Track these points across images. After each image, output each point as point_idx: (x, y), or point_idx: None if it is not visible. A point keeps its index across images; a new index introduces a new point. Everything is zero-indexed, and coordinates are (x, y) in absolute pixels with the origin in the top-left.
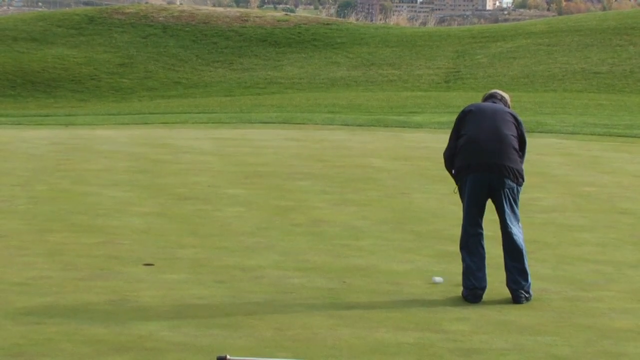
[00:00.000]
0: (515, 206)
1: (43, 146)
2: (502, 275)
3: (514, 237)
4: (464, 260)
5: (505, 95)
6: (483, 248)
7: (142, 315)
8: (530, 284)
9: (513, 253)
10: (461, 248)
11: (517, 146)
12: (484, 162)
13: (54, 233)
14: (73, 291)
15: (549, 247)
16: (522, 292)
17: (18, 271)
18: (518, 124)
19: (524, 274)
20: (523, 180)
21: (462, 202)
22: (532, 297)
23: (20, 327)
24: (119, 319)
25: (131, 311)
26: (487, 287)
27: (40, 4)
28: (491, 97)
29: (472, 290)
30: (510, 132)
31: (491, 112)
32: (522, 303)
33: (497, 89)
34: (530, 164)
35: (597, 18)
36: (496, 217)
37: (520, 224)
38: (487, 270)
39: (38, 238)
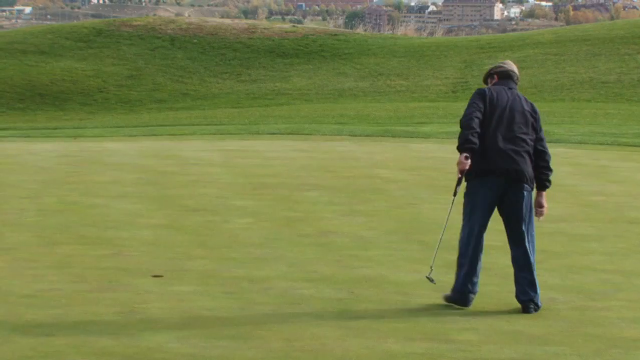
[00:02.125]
0: (531, 214)
1: (52, 159)
2: (510, 285)
3: (527, 248)
4: (463, 265)
5: (517, 71)
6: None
7: (150, 327)
8: (539, 295)
9: (524, 264)
10: (464, 253)
11: (532, 150)
12: (504, 167)
13: (62, 245)
14: (82, 303)
15: (557, 256)
16: (532, 303)
17: (27, 283)
18: (536, 120)
19: (533, 285)
20: (534, 185)
21: (466, 204)
22: (540, 308)
23: (29, 339)
24: (127, 330)
25: (140, 323)
26: (496, 297)
27: (48, 16)
28: (508, 79)
29: (466, 294)
30: (529, 135)
31: (509, 104)
32: (531, 314)
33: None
34: None
35: (605, 27)
36: (501, 226)
37: (534, 232)
38: (494, 280)
39: (47, 250)
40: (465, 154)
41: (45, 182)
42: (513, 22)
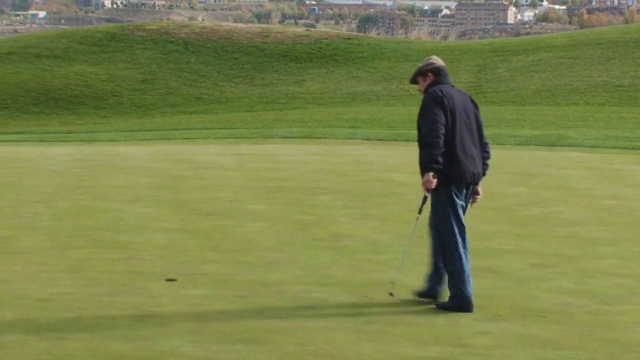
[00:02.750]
0: None
1: (66, 163)
2: (524, 288)
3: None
4: (461, 270)
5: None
6: None
7: (164, 331)
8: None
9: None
10: (456, 260)
11: None
12: (472, 172)
13: (76, 249)
14: (96, 307)
15: (571, 260)
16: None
17: (41, 287)
18: (479, 114)
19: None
20: None
21: (442, 212)
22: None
23: (43, 343)
24: (141, 334)
25: (153, 326)
26: (510, 301)
27: (62, 21)
28: (445, 75)
29: (470, 299)
30: (478, 132)
31: (462, 106)
32: None
33: (448, 71)
34: (552, 178)
35: (619, 31)
36: (515, 229)
37: None
38: (508, 284)
39: (61, 254)
40: (432, 173)
41: (59, 186)
42: (527, 26)
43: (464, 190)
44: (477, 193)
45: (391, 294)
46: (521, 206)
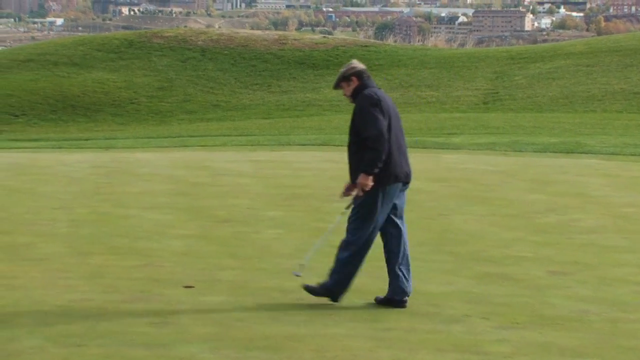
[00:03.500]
0: None
1: (84, 169)
2: (542, 296)
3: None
4: (355, 265)
5: None
6: None
7: (182, 338)
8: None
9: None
10: (360, 255)
11: None
12: (406, 172)
13: (94, 256)
14: (114, 313)
15: (589, 268)
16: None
17: (59, 294)
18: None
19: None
20: None
21: (370, 210)
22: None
23: (61, 350)
24: (159, 341)
25: (172, 333)
26: (528, 308)
27: (80, 28)
28: (369, 78)
29: (344, 292)
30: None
31: (393, 108)
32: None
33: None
34: (570, 185)
35: (636, 38)
36: (534, 237)
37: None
38: (526, 292)
39: (79, 261)
40: (372, 177)
41: (77, 192)
42: (544, 33)
43: (397, 191)
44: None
45: (297, 275)
46: (539, 213)
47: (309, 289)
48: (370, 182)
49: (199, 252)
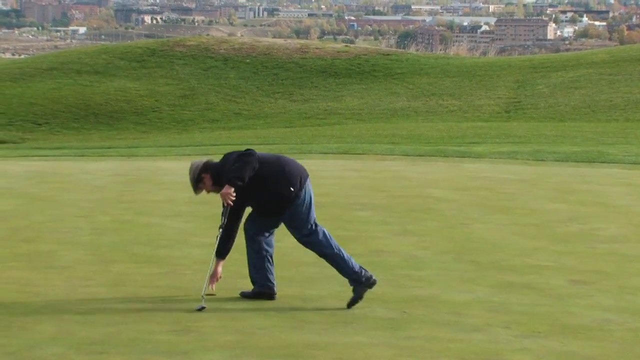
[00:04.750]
0: None
1: (106, 177)
2: (563, 305)
3: None
4: (337, 252)
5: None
6: None
7: (203, 345)
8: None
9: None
10: (334, 249)
11: None
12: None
13: (116, 264)
14: (135, 321)
15: (611, 277)
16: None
17: (81, 302)
18: None
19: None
20: None
21: (307, 210)
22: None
23: (83, 357)
24: (181, 349)
25: (193, 341)
26: (549, 317)
27: (102, 36)
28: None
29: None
30: None
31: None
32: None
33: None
34: (592, 194)
35: None
36: (555, 246)
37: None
38: (547, 301)
39: (101, 269)
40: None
41: (99, 200)
42: (566, 42)
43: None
44: None
45: (201, 308)
46: (560, 223)
47: (355, 299)
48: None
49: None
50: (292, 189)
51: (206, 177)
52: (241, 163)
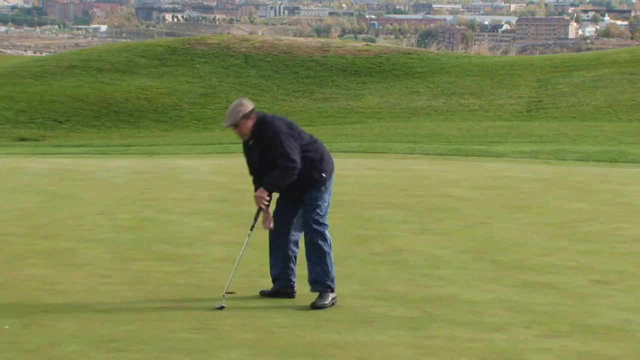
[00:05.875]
0: None
1: (126, 175)
2: (584, 305)
3: None
4: (331, 258)
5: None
6: None
7: (224, 344)
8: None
9: None
10: (330, 248)
11: None
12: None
13: (136, 261)
14: (155, 319)
15: (633, 277)
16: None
17: (101, 299)
18: None
19: None
20: None
21: (326, 205)
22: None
23: (103, 355)
24: (201, 347)
25: (213, 339)
26: (570, 317)
27: (124, 34)
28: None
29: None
30: None
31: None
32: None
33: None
34: (613, 194)
35: None
36: (576, 245)
37: None
38: (568, 301)
39: (121, 266)
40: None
41: (119, 198)
42: (588, 41)
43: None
44: None
45: (220, 307)
46: (581, 222)
47: (321, 306)
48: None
49: (241, 258)
50: (323, 174)
51: (245, 123)
52: (283, 173)
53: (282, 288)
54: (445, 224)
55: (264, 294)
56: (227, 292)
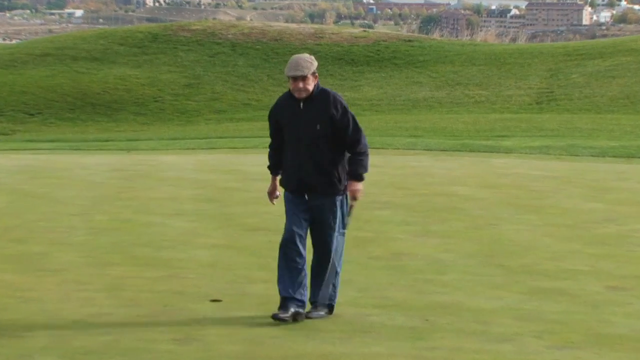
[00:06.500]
0: None
1: (103, 173)
2: (599, 313)
3: None
4: (339, 274)
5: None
6: None
7: (208, 356)
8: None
9: None
10: (339, 257)
11: None
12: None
13: (114, 266)
14: (135, 329)
15: None
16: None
17: (76, 308)
18: None
19: None
20: None
21: (343, 216)
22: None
23: None
24: (183, 359)
25: (197, 351)
26: (584, 327)
27: (100, 20)
28: None
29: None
30: None
31: None
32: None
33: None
34: (630, 193)
35: None
36: (591, 249)
37: None
38: (582, 309)
39: (97, 272)
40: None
41: (96, 198)
42: (603, 28)
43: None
44: None
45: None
46: (597, 223)
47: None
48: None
49: (228, 263)
50: (345, 182)
51: (313, 79)
52: (365, 155)
53: (298, 309)
54: (449, 225)
55: (276, 318)
56: (212, 300)
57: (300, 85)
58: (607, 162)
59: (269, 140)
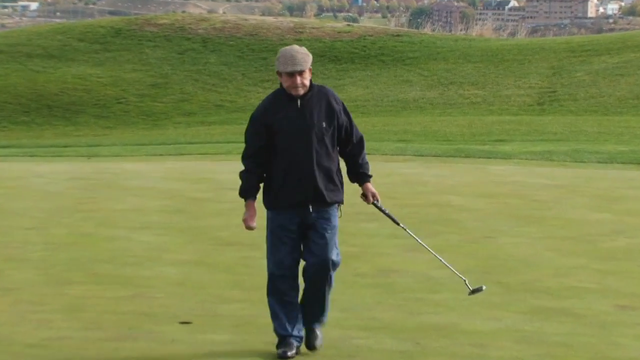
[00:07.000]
0: None
1: (61, 182)
2: (607, 334)
3: None
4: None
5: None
6: None
7: None
8: None
9: None
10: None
11: None
12: None
13: (73, 285)
14: (96, 354)
15: None
16: None
17: (32, 330)
18: None
19: None
20: None
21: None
22: None
23: None
24: None
25: None
26: (591, 350)
27: (58, 14)
28: None
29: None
30: None
31: None
32: None
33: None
34: None
35: None
36: (596, 264)
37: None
38: (588, 330)
39: (55, 291)
40: None
41: (53, 209)
42: (610, 21)
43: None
44: None
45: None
46: (604, 236)
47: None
48: None
49: (198, 281)
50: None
51: (309, 74)
52: (365, 154)
53: (297, 346)
54: (443, 238)
55: (284, 357)
56: (181, 322)
57: (298, 81)
58: (615, 168)
59: (243, 145)
